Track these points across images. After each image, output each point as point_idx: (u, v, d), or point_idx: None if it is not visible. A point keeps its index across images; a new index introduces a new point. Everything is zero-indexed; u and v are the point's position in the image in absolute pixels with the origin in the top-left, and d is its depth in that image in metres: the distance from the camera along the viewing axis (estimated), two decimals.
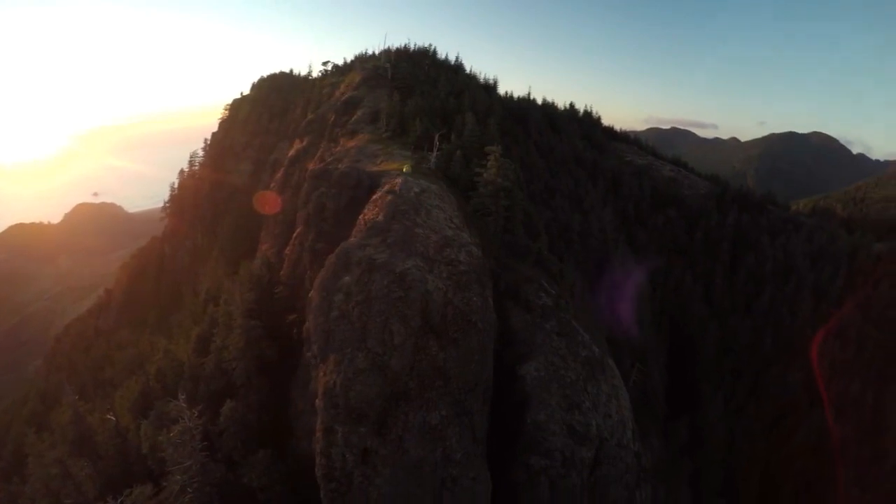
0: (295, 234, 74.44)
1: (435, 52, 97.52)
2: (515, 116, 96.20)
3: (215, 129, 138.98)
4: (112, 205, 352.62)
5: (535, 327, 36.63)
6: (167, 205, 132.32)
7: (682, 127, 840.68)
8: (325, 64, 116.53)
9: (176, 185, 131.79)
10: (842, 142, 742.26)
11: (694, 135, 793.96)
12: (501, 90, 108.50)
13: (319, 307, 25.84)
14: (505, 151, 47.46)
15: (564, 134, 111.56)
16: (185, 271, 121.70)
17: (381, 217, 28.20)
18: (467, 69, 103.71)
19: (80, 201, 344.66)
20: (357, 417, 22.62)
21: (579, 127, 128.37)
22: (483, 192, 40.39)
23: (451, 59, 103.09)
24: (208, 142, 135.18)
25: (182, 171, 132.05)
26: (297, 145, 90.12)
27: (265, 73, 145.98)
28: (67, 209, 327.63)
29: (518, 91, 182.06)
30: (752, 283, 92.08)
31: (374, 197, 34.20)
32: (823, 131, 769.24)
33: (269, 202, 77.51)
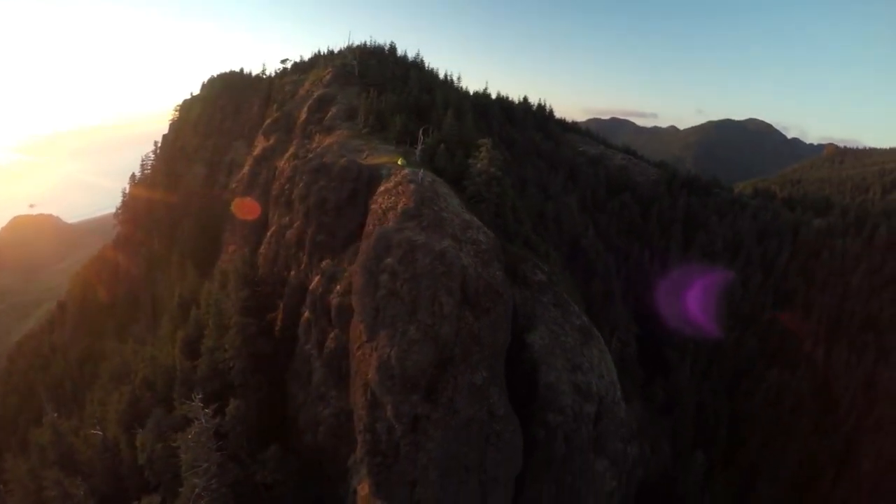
0: (270, 233, 74.62)
1: (395, 50, 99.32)
2: (477, 111, 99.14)
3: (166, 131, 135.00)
4: (50, 216, 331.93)
5: (534, 301, 39.59)
6: (119, 212, 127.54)
7: (621, 117, 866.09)
8: (283, 62, 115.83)
9: (127, 191, 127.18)
10: (777, 127, 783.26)
11: (633, 124, 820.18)
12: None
13: (364, 288, 27.50)
14: None
15: (521, 127, 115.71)
16: (143, 279, 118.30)
17: (411, 203, 30.11)
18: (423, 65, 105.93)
19: (16, 214, 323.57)
20: (410, 387, 24.57)
21: (534, 120, 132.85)
22: (478, 180, 42.93)
23: (409, 56, 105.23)
24: (159, 145, 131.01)
25: (133, 176, 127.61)
26: (263, 144, 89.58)
27: (215, 73, 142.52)
28: (2, 223, 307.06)
29: (470, 86, 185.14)
30: (705, 259, 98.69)
31: (385, 187, 36.00)
32: (759, 118, 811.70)
33: (247, 208, 77.09)
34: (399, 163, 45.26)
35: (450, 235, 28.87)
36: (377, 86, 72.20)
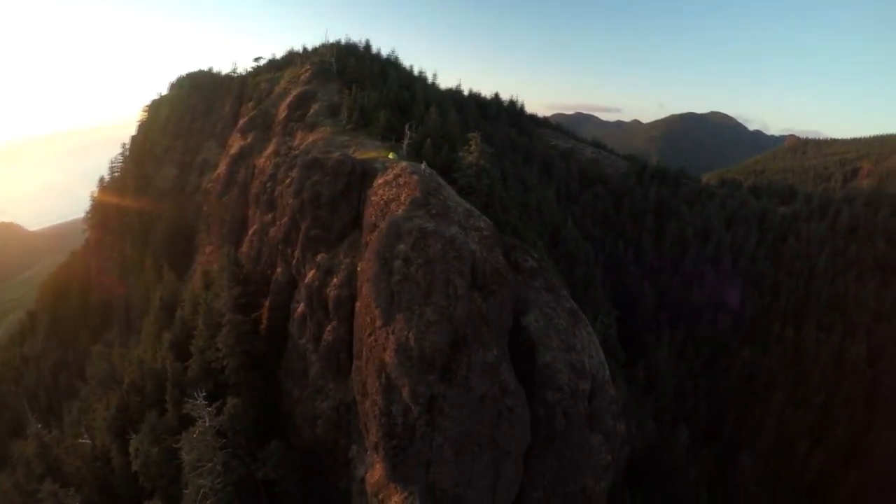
0: (252, 231, 74.37)
1: (370, 48, 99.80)
2: (454, 107, 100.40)
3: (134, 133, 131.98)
4: (10, 224, 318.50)
5: (526, 286, 41.06)
6: (88, 217, 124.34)
7: (585, 112, 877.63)
8: (256, 60, 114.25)
9: (96, 195, 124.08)
10: (739, 120, 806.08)
11: (597, 119, 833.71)
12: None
13: (379, 274, 28.33)
14: None
15: (496, 122, 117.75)
16: (116, 284, 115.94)
17: (418, 193, 31.07)
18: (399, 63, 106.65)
19: None
20: (427, 367, 25.62)
21: (508, 115, 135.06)
22: (468, 172, 44.22)
23: (383, 53, 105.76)
24: (127, 147, 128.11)
25: (102, 180, 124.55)
26: (240, 142, 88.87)
27: (183, 73, 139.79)
28: None
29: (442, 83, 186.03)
30: (676, 246, 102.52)
31: (384, 179, 36.83)
32: (721, 111, 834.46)
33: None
34: (390, 157, 46.12)
35: (456, 223, 30.07)
36: (357, 83, 72.68)
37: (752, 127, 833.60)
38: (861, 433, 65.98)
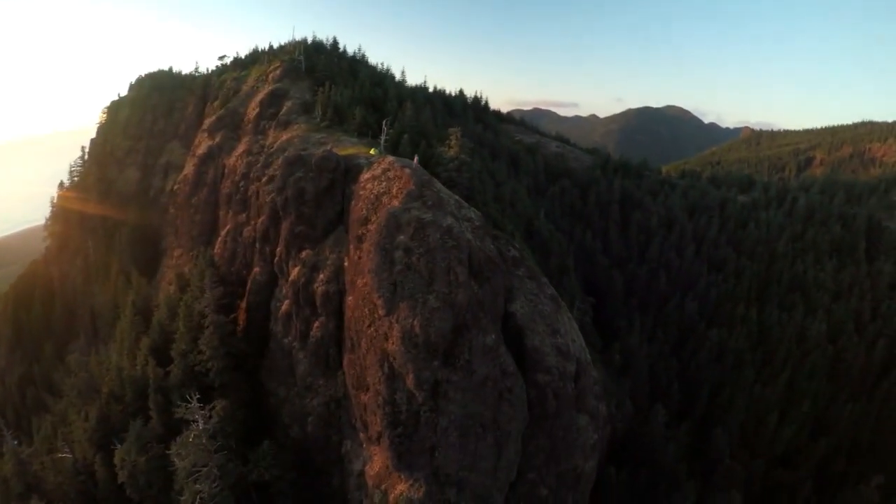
0: (225, 232, 73.41)
1: (338, 45, 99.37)
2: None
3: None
4: None
5: (511, 274, 42.34)
6: (49, 223, 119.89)
7: (543, 107, 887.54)
8: (221, 58, 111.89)
9: (56, 201, 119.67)
10: (695, 113, 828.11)
11: (555, 114, 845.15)
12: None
13: (380, 265, 28.85)
14: None
15: (462, 118, 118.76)
16: (80, 292, 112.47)
17: (412, 186, 31.61)
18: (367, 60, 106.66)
19: None
20: (432, 353, 26.37)
21: (473, 111, 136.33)
22: (450, 166, 45.05)
23: (349, 51, 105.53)
24: (87, 150, 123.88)
25: (62, 185, 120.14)
26: (208, 143, 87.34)
27: (143, 73, 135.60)
28: None
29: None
30: (642, 235, 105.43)
31: (372, 174, 37.24)
32: (677, 104, 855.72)
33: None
34: (372, 153, 46.49)
35: (450, 213, 30.82)
36: (328, 80, 72.51)
37: (707, 120, 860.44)
38: (826, 406, 70.03)
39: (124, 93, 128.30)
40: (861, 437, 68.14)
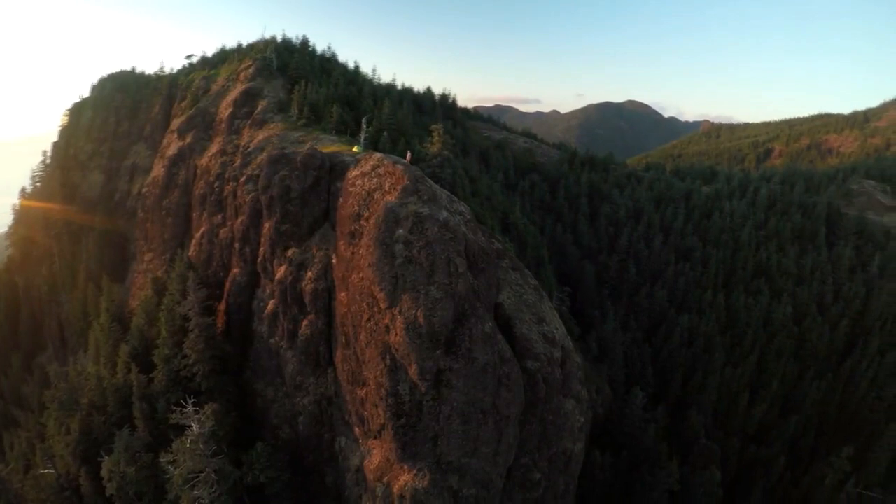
0: (199, 234, 72.34)
1: (308, 44, 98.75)
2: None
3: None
4: None
5: (496, 265, 43.53)
6: (11, 231, 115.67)
7: (504, 104, 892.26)
8: (188, 57, 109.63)
9: (18, 208, 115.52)
10: (655, 108, 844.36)
11: (517, 110, 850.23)
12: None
13: (381, 259, 29.41)
14: None
15: (432, 116, 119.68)
16: (46, 301, 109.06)
17: (407, 181, 32.17)
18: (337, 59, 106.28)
19: None
20: (435, 342, 27.18)
21: (442, 109, 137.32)
22: (433, 162, 45.83)
23: (318, 50, 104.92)
24: (49, 155, 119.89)
25: (24, 191, 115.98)
26: (178, 143, 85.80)
27: (105, 73, 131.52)
28: None
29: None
30: (611, 227, 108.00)
31: (361, 171, 37.56)
32: (637, 99, 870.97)
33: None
34: (355, 150, 46.84)
35: (444, 207, 31.61)
36: (303, 79, 72.23)
37: (667, 114, 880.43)
38: (794, 384, 73.69)
39: (87, 95, 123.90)
40: (828, 413, 71.91)
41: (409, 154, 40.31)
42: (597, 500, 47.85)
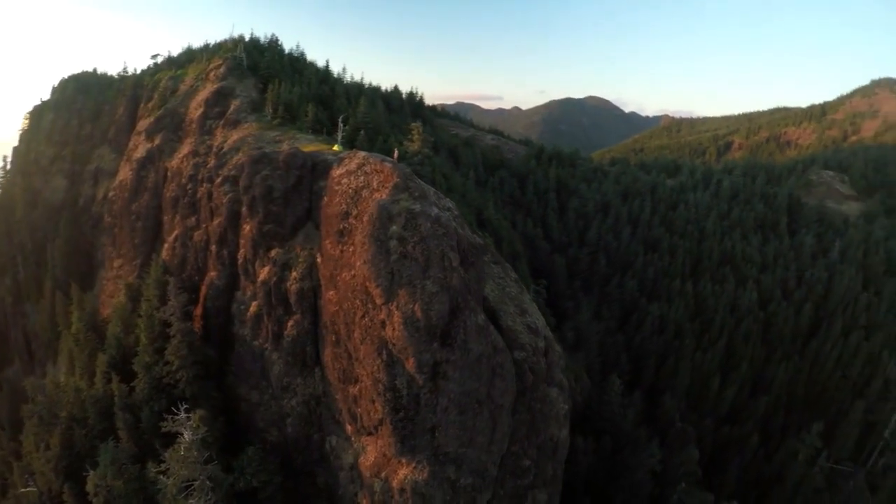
0: (173, 237, 70.94)
1: (277, 43, 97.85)
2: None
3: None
4: None
5: (482, 260, 44.44)
6: None
7: (466, 101, 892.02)
8: (154, 57, 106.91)
9: None
10: (615, 103, 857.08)
11: (479, 107, 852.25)
12: None
13: (377, 255, 30.06)
14: None
15: (401, 114, 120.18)
16: (10, 313, 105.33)
17: (397, 178, 32.68)
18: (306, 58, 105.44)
19: None
20: (432, 335, 28.01)
21: (410, 107, 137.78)
22: (414, 160, 46.44)
23: (286, 49, 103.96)
24: (8, 159, 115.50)
25: None
26: (146, 145, 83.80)
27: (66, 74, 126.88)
28: None
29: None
30: (580, 220, 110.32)
31: (346, 169, 37.78)
32: (598, 95, 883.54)
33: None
34: (336, 149, 47.00)
35: (434, 203, 32.33)
36: (275, 78, 71.68)
37: (627, 109, 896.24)
38: (762, 366, 77.22)
39: (48, 97, 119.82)
40: (796, 392, 75.55)
41: (395, 152, 40.87)
42: (582, 484, 49.38)
